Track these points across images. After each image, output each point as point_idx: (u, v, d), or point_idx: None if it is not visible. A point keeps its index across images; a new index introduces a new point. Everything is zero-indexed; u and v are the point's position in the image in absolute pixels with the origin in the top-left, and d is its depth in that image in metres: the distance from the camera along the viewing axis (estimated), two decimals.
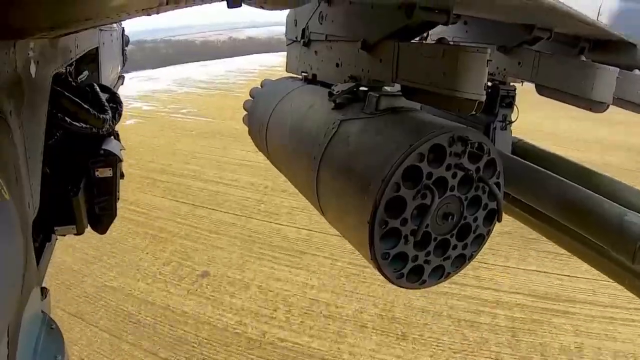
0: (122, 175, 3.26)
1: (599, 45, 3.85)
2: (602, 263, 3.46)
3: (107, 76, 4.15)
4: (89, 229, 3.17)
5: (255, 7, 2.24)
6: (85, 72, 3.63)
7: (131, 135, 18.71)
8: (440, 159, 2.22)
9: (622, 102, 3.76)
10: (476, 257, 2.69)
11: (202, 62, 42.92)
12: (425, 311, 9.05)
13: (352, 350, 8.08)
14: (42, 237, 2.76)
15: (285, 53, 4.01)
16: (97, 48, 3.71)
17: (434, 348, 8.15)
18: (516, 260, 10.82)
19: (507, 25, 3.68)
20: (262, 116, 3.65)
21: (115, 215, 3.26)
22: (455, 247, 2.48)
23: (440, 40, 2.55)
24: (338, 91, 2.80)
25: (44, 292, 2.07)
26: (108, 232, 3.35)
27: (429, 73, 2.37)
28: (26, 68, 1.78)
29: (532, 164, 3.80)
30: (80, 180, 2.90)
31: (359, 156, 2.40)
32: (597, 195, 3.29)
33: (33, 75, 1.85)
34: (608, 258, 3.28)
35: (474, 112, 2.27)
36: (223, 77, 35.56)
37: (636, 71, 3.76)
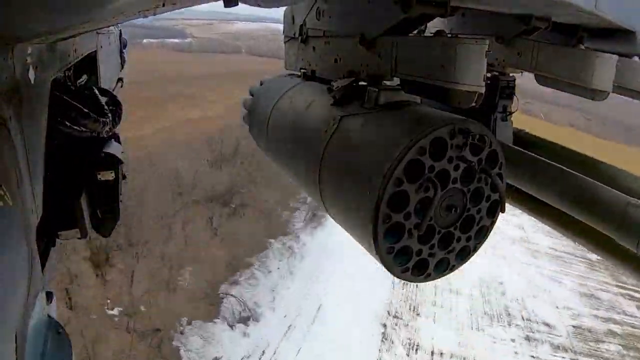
0: (124, 177, 3.26)
1: (598, 33, 3.83)
2: (607, 251, 3.46)
3: (106, 79, 4.15)
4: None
5: (252, 4, 2.24)
6: (84, 76, 3.63)
7: None
8: (442, 151, 2.21)
9: (622, 89, 3.75)
10: None
11: None
12: None
13: None
14: (46, 241, 2.76)
15: None
16: (95, 51, 3.71)
17: None
18: None
19: (505, 16, 3.66)
20: (262, 114, 3.64)
21: (119, 218, 3.26)
22: (459, 239, 2.48)
23: (439, 33, 2.55)
24: (337, 87, 2.80)
25: (49, 296, 2.07)
26: None
27: (428, 66, 2.36)
28: (25, 73, 1.78)
29: (534, 154, 3.79)
30: (82, 184, 2.90)
31: (361, 152, 2.40)
32: (600, 183, 3.29)
33: (32, 81, 1.85)
34: (613, 246, 3.28)
35: (474, 104, 2.27)
36: None
37: (635, 58, 3.75)
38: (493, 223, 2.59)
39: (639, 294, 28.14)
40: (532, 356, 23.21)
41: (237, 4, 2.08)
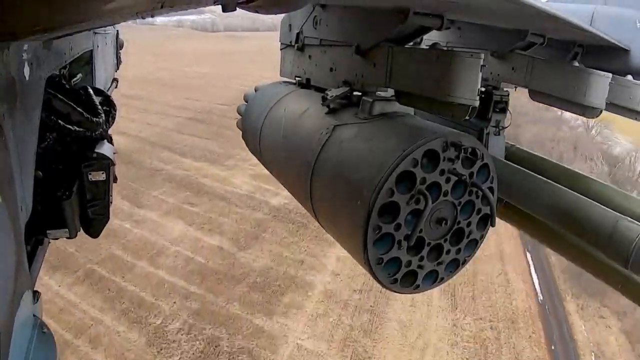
0: (115, 179, 3.23)
1: (592, 50, 3.88)
2: (595, 267, 3.48)
3: (101, 79, 4.13)
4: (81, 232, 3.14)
5: (251, 11, 2.24)
6: (79, 75, 3.61)
7: None
8: (434, 164, 2.22)
9: (615, 107, 3.79)
10: None
11: None
12: None
13: None
14: (34, 240, 2.73)
15: None
16: (91, 51, 3.69)
17: None
18: None
19: (501, 31, 3.70)
20: (255, 120, 3.63)
21: (108, 218, 3.23)
22: (448, 251, 2.48)
23: (434, 45, 2.57)
24: (332, 96, 2.80)
25: (36, 295, 2.05)
26: None
27: (423, 78, 2.37)
28: (20, 70, 1.76)
29: (525, 169, 3.81)
30: (72, 183, 2.87)
31: (353, 161, 2.40)
32: (590, 200, 3.31)
33: (27, 78, 1.84)
34: (601, 263, 3.30)
35: (467, 117, 2.28)
36: None
37: (629, 76, 3.79)
38: (483, 236, 2.59)
39: None
40: None
41: (235, 10, 2.08)
